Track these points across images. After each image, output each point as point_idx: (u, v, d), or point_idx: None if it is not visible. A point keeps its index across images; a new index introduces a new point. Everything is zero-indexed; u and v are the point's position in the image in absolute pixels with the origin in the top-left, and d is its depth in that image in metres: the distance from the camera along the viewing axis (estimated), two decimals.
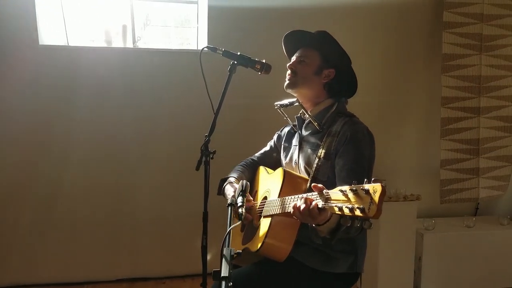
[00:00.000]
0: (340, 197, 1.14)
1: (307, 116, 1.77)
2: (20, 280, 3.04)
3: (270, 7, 3.05)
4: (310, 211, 1.26)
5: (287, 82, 1.76)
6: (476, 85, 3.17)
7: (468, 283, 3.12)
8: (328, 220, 1.32)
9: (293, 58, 1.79)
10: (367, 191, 1.06)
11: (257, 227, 1.66)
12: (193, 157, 2.68)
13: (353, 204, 1.08)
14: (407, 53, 3.30)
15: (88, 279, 3.11)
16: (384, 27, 3.23)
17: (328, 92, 1.75)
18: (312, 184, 1.28)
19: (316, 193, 1.27)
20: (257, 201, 1.81)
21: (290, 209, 1.42)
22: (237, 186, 1.77)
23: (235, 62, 1.76)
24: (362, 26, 3.18)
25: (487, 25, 3.15)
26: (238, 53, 1.77)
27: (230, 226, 1.32)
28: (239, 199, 1.44)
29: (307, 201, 1.30)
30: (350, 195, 1.10)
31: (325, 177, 1.61)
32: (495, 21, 3.16)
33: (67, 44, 3.03)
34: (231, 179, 1.88)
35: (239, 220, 1.36)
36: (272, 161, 2.02)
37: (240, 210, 1.39)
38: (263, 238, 1.54)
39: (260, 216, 1.68)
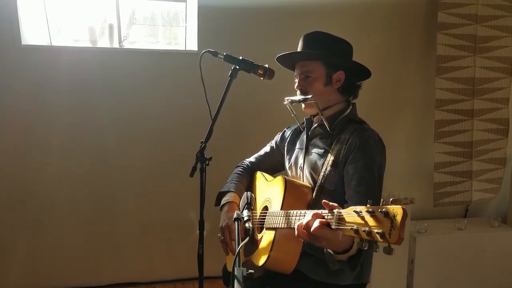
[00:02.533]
0: (355, 219, 1.05)
1: (315, 120, 1.70)
2: (11, 286, 2.95)
3: (262, 6, 2.97)
4: (321, 230, 1.13)
5: (302, 104, 1.68)
6: (470, 87, 3.16)
7: (460, 285, 3.12)
8: (349, 249, 1.24)
9: (296, 75, 1.69)
10: (386, 214, 0.98)
11: (258, 239, 1.59)
12: (180, 161, 2.62)
13: (371, 228, 1.00)
14: (401, 54, 3.26)
15: (78, 285, 3.03)
16: (377, 27, 3.18)
17: (343, 93, 1.67)
18: (323, 201, 1.18)
19: (326, 211, 1.18)
20: (256, 210, 1.74)
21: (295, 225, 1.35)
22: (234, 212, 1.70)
23: (237, 67, 1.67)
24: (354, 26, 3.12)
25: (481, 26, 3.12)
26: (240, 58, 1.68)
27: (238, 241, 1.25)
28: (245, 213, 1.38)
29: (316, 217, 1.17)
30: (367, 217, 1.02)
31: (333, 186, 1.53)
32: (490, 22, 3.13)
33: (50, 44, 2.90)
34: (231, 195, 1.79)
35: (246, 235, 1.29)
36: (272, 162, 1.95)
37: (247, 224, 1.32)
38: (268, 251, 1.46)
39: (261, 228, 1.61)
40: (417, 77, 3.31)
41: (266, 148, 1.98)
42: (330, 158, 1.56)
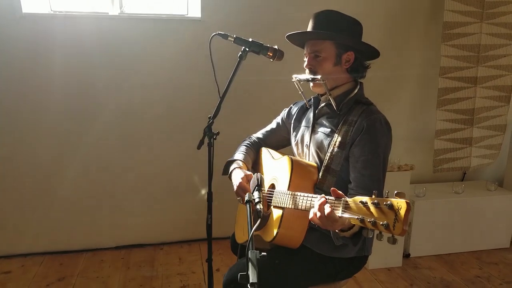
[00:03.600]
0: (361, 209, 1.11)
1: (323, 99, 1.72)
2: (23, 248, 3.05)
3: None
4: (327, 217, 1.22)
5: (310, 83, 1.68)
6: (475, 54, 3.14)
7: (456, 248, 3.24)
8: (352, 227, 1.30)
9: (306, 54, 1.69)
10: (390, 206, 1.04)
11: (266, 215, 1.67)
12: (186, 130, 2.61)
13: (376, 219, 1.06)
14: (407, 21, 3.22)
15: (87, 247, 3.13)
16: None
17: (351, 73, 1.68)
18: (332, 189, 1.24)
19: (333, 198, 1.24)
20: (263, 187, 1.79)
21: (302, 207, 1.42)
22: (244, 171, 1.76)
23: (247, 49, 1.67)
24: None
25: None
26: (250, 40, 1.68)
27: (250, 223, 1.30)
28: (256, 194, 1.41)
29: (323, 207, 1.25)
30: (372, 208, 1.08)
31: (339, 166, 1.58)
32: None
33: (50, 11, 2.86)
34: (239, 162, 1.85)
35: (258, 217, 1.34)
36: (278, 138, 1.98)
37: (258, 206, 1.37)
38: (277, 228, 1.54)
39: (268, 205, 1.68)
40: (422, 44, 3.28)
41: (272, 124, 2.01)
42: (337, 138, 1.60)
